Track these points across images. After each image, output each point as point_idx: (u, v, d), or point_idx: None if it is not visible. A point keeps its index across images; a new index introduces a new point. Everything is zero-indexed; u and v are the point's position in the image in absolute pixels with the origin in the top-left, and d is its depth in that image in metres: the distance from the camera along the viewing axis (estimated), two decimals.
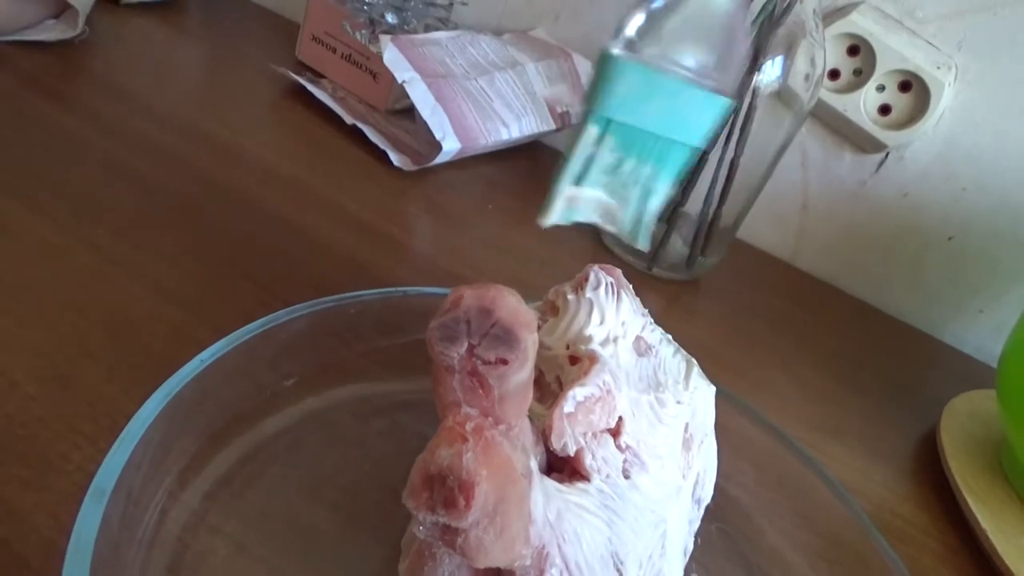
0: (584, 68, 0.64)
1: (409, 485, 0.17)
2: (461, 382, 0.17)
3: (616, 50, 0.27)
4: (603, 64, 0.27)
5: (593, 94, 0.28)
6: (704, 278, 0.57)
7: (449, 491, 0.16)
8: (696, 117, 0.29)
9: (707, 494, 0.28)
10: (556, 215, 0.29)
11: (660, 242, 0.54)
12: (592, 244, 0.56)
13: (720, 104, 0.29)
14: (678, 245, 0.55)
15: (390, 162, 0.54)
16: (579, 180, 0.29)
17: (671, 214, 0.54)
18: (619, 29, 0.28)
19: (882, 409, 0.49)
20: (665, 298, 0.53)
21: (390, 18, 0.60)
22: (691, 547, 0.27)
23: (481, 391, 0.17)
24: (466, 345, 0.17)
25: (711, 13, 0.28)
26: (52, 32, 0.55)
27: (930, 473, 0.44)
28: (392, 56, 0.53)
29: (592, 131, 0.28)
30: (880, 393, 0.51)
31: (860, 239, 0.63)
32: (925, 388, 0.53)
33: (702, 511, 0.28)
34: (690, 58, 0.28)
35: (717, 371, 0.29)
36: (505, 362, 0.17)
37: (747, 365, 0.48)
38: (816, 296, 0.62)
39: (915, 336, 0.61)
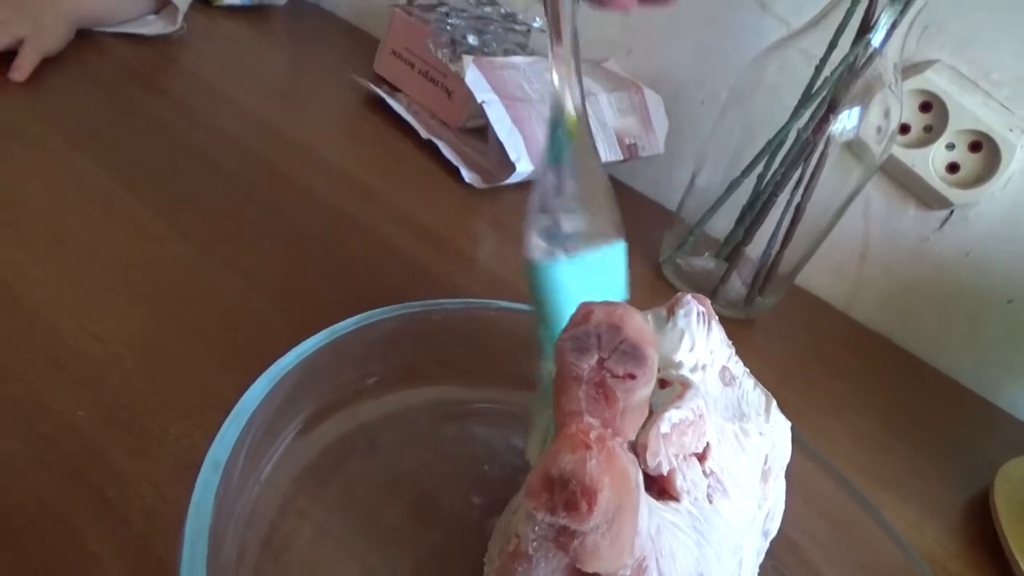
0: (654, 102, 0.65)
1: (528, 486, 0.18)
2: (587, 393, 0.18)
3: (539, 256, 0.25)
4: (534, 274, 0.26)
5: (540, 311, 0.26)
6: (760, 318, 0.57)
7: (571, 494, 0.17)
8: (613, 274, 0.28)
9: (774, 528, 0.29)
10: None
11: (720, 279, 0.55)
12: (651, 272, 0.57)
13: (620, 249, 0.28)
14: (736, 284, 0.55)
15: (461, 178, 0.56)
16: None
17: (731, 253, 0.55)
18: (529, 234, 0.26)
19: (933, 465, 0.48)
20: None
21: (472, 39, 0.62)
22: None
23: (605, 403, 0.18)
24: (596, 358, 0.18)
25: (584, 174, 0.28)
26: (153, 27, 0.57)
27: (980, 533, 0.43)
28: (474, 77, 0.55)
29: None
30: (931, 449, 0.50)
31: (918, 294, 0.63)
32: (976, 449, 0.53)
33: (767, 544, 0.28)
34: (584, 223, 0.27)
35: None
36: (633, 377, 0.18)
37: (801, 407, 0.49)
38: (870, 346, 0.62)
39: (967, 396, 0.61)
